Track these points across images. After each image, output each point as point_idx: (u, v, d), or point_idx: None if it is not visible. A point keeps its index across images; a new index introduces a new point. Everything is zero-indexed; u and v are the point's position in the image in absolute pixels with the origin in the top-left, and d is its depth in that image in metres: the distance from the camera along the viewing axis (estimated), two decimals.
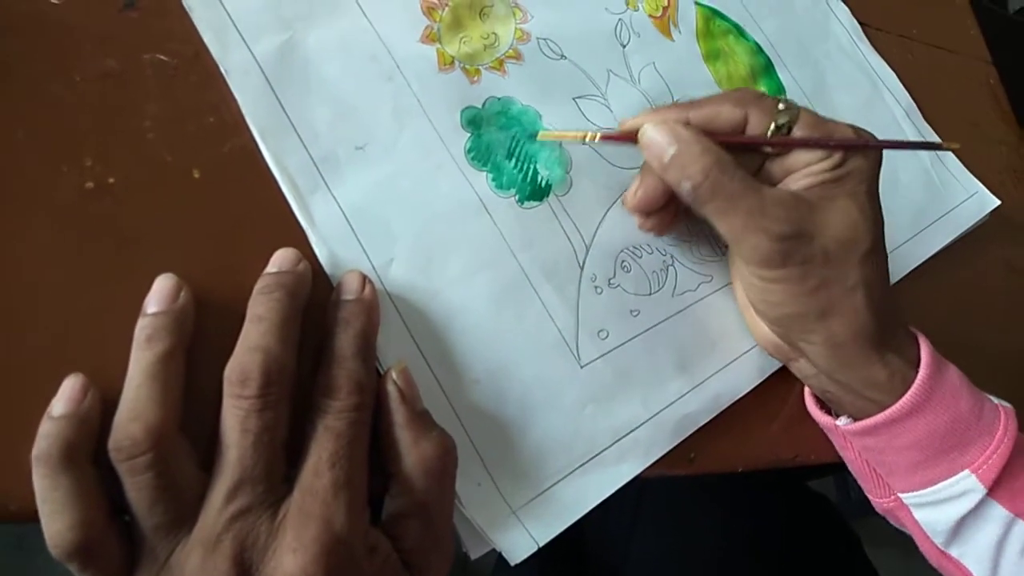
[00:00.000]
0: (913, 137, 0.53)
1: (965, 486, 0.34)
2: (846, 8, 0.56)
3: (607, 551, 0.56)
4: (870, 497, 0.40)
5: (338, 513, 0.25)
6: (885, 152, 0.39)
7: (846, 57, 0.54)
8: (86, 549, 0.24)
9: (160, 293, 0.27)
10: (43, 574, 0.87)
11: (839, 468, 0.42)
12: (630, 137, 0.35)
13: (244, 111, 0.33)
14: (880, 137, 0.36)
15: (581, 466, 0.34)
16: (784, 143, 0.34)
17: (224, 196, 0.32)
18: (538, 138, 0.37)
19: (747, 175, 0.33)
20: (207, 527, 0.25)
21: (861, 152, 0.34)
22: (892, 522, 0.41)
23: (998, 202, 0.53)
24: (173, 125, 0.32)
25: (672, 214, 0.38)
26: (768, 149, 0.35)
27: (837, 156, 0.34)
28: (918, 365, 0.35)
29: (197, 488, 0.26)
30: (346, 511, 0.26)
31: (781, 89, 0.49)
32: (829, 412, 0.39)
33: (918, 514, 0.37)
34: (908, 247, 0.48)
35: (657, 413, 0.36)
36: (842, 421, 0.37)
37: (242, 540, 0.25)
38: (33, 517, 0.25)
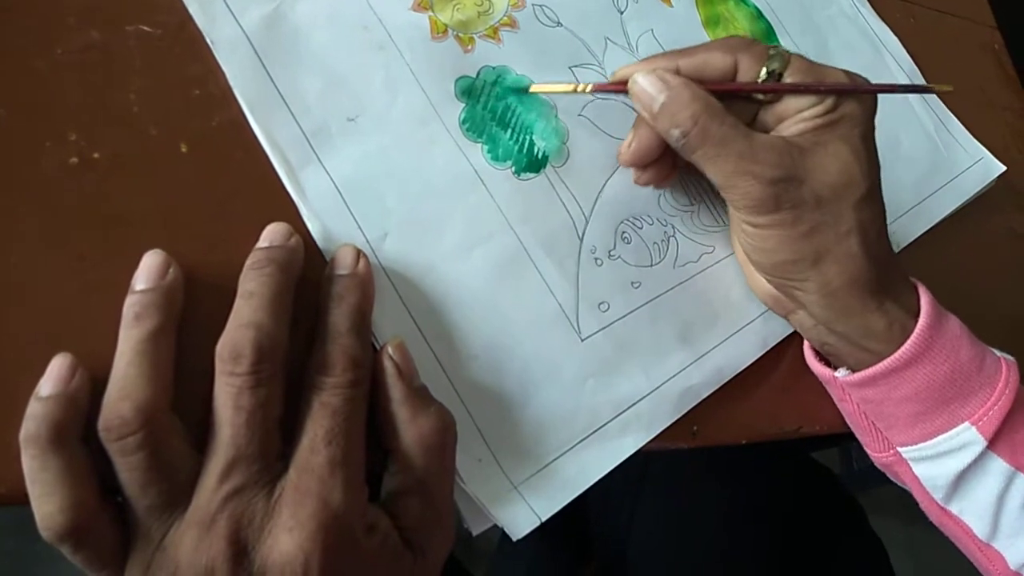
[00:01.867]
0: (917, 103, 0.52)
1: (965, 439, 0.33)
2: None
3: (610, 524, 0.56)
4: (868, 452, 0.40)
5: (335, 490, 0.25)
6: (887, 117, 0.38)
7: (848, 22, 0.53)
8: (77, 531, 0.23)
9: (148, 270, 0.27)
10: (42, 558, 0.87)
11: (842, 439, 0.42)
12: (620, 87, 0.35)
13: (232, 83, 0.32)
14: (883, 101, 0.35)
15: (582, 440, 0.33)
16: (775, 88, 0.34)
17: (213, 170, 0.31)
18: (531, 90, 0.37)
19: (736, 121, 0.32)
20: (202, 507, 0.24)
21: (855, 96, 0.34)
22: (891, 477, 0.40)
23: (1003, 168, 0.52)
24: (159, 98, 0.31)
25: (668, 166, 0.37)
26: (760, 96, 0.34)
27: (829, 101, 0.33)
28: (918, 314, 0.34)
29: (191, 468, 0.25)
30: (343, 488, 0.25)
31: None
32: (829, 365, 0.38)
33: (917, 468, 0.36)
34: (912, 214, 0.47)
35: (659, 386, 0.36)
36: (840, 373, 0.37)
37: (238, 519, 0.24)
38: (23, 500, 0.24)
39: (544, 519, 0.31)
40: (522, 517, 0.31)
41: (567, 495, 0.32)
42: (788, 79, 0.33)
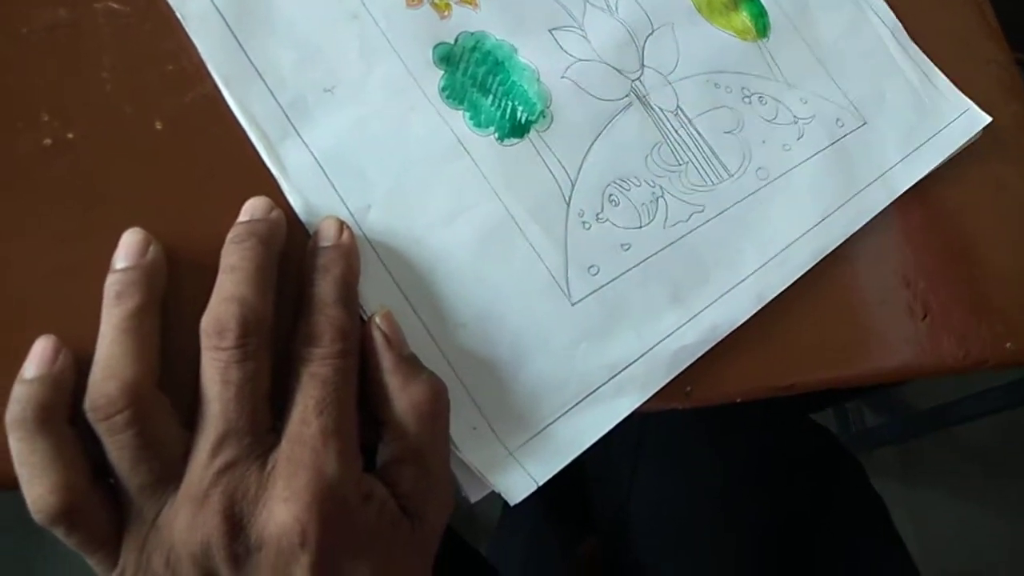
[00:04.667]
0: (900, 57, 0.52)
1: None
2: None
3: (610, 491, 0.56)
4: None
5: (328, 460, 0.25)
6: (871, 72, 0.37)
7: None
8: (69, 513, 0.23)
9: (128, 248, 0.26)
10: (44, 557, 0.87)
11: (838, 400, 0.42)
12: None
13: (205, 58, 0.31)
14: (867, 58, 0.34)
15: (577, 404, 0.33)
16: None
17: (189, 147, 0.30)
18: None
19: None
20: (194, 483, 0.24)
21: None
22: None
23: (989, 119, 0.52)
24: (131, 76, 0.30)
25: None
26: None
27: None
28: None
29: (180, 445, 0.25)
30: (336, 458, 0.25)
31: (763, 13, 0.47)
32: None
33: None
34: (900, 168, 0.47)
35: (652, 347, 0.35)
36: None
37: (231, 493, 0.24)
38: (13, 485, 0.24)
39: (541, 483, 0.31)
40: (519, 482, 0.31)
41: (563, 459, 0.32)
42: None
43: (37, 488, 0.23)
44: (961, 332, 0.44)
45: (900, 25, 0.54)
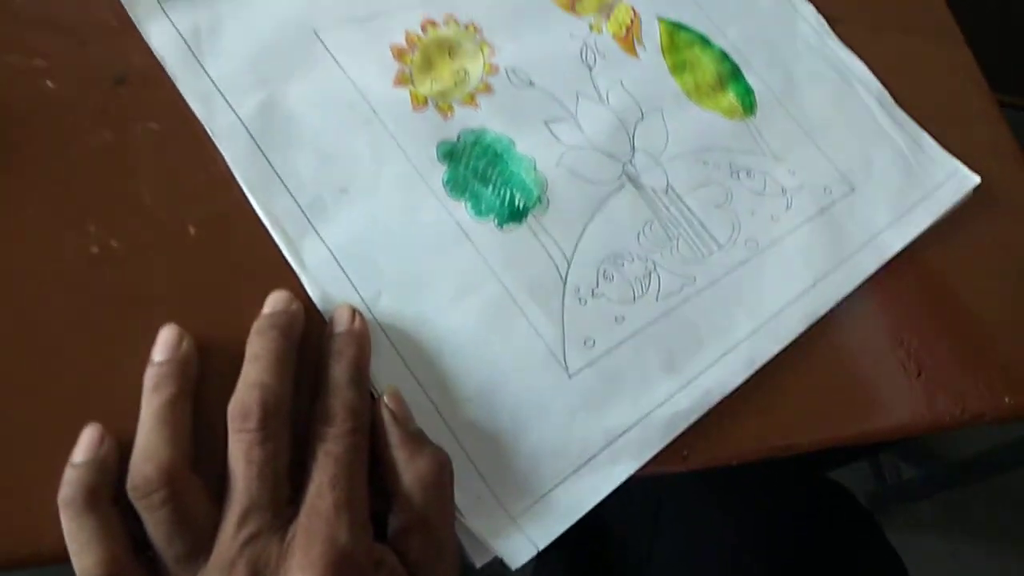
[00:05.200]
0: (887, 123, 0.54)
1: None
2: (811, 6, 0.57)
3: (632, 554, 0.57)
4: None
5: (341, 531, 0.27)
6: (858, 138, 0.38)
7: (814, 54, 0.55)
8: None
9: (164, 343, 0.30)
10: None
11: (862, 454, 0.42)
12: None
13: (232, 168, 0.35)
14: (853, 124, 0.35)
15: (576, 471, 0.35)
16: None
17: (219, 248, 0.34)
18: None
19: None
20: (222, 554, 0.27)
21: None
22: None
23: (978, 179, 0.54)
24: (167, 187, 0.34)
25: None
26: None
27: None
28: None
29: (211, 519, 0.28)
30: (348, 529, 0.28)
31: (750, 92, 0.50)
32: None
33: None
34: (890, 233, 0.49)
35: (647, 415, 0.37)
36: None
37: (255, 563, 0.27)
38: (65, 557, 0.27)
39: (541, 547, 0.33)
40: (520, 547, 0.33)
41: (563, 524, 0.34)
42: None
43: (84, 561, 0.26)
44: (956, 388, 0.45)
45: (886, 92, 0.56)
